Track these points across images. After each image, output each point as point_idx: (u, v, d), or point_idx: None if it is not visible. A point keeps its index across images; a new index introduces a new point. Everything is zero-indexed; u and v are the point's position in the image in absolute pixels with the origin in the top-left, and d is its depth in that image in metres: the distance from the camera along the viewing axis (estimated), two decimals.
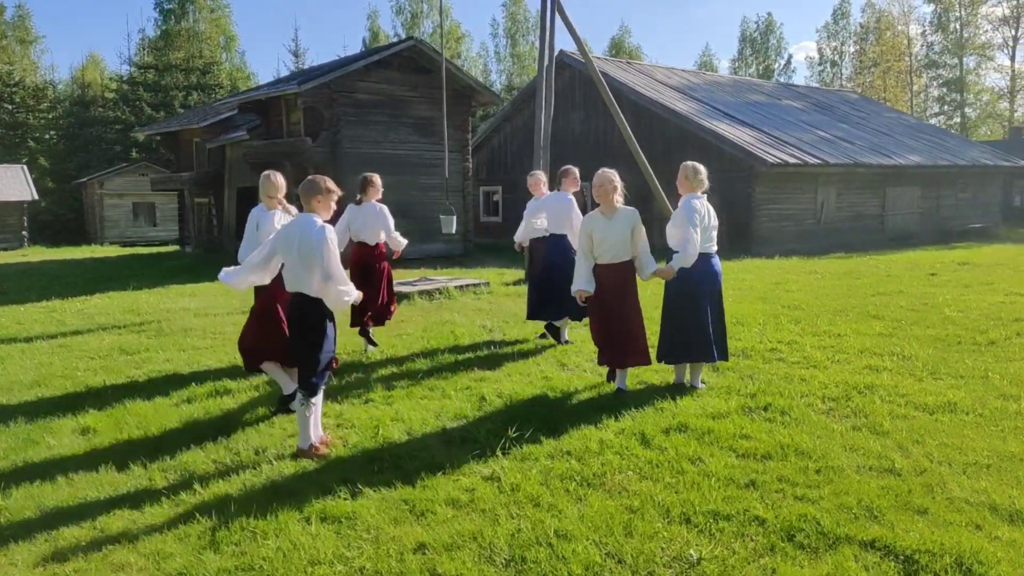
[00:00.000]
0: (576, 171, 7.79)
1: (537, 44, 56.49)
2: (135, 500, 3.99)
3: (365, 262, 7.43)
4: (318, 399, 4.67)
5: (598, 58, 24.27)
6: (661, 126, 21.05)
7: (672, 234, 5.61)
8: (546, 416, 5.14)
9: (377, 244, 7.48)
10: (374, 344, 7.55)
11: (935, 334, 7.69)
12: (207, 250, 22.84)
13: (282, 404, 5.44)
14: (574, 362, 6.82)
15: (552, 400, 5.57)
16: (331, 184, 4.61)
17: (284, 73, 44.27)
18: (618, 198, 5.61)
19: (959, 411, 5.00)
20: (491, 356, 7.12)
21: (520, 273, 13.77)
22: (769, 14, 76.57)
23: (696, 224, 5.48)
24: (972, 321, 8.35)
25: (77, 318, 10.09)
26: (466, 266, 16.65)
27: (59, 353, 7.81)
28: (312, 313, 4.60)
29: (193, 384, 6.37)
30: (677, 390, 5.68)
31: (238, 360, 7.15)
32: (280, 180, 6.61)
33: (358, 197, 7.43)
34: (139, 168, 33.53)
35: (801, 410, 5.06)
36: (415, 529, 3.50)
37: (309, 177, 4.68)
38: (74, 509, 3.91)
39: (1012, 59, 51.63)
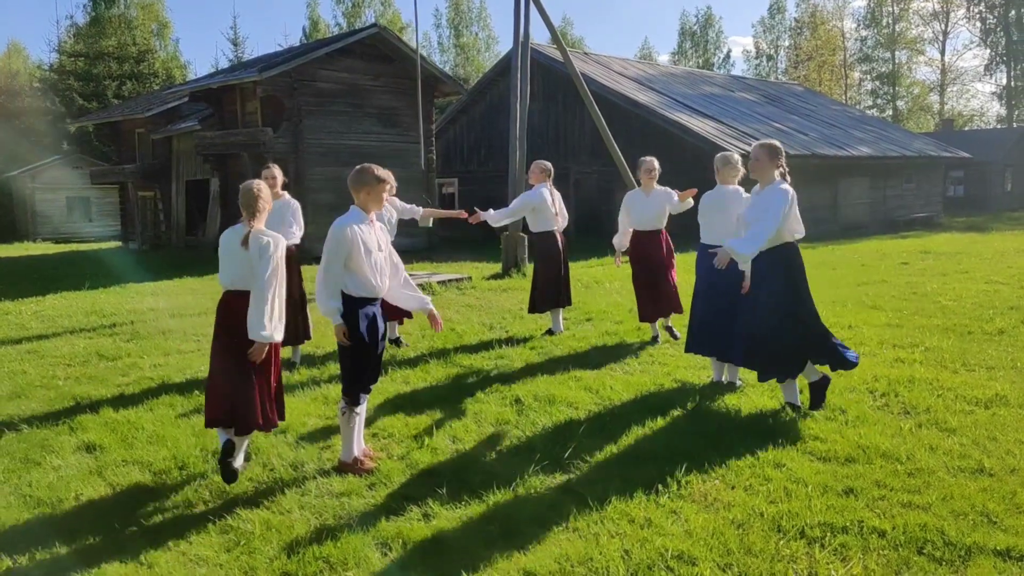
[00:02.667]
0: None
1: (478, 33, 55.43)
2: (178, 529, 3.55)
3: None
4: (361, 408, 4.29)
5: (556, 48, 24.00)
6: (622, 117, 20.96)
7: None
8: (593, 418, 4.88)
9: None
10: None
11: (942, 324, 7.74)
12: (154, 246, 21.73)
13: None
14: (595, 360, 6.57)
15: (592, 400, 5.31)
16: (381, 172, 4.21)
17: (223, 62, 42.65)
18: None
19: (1012, 404, 4.95)
20: (505, 355, 6.82)
21: (497, 267, 13.49)
22: (708, 8, 78.14)
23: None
24: (970, 310, 8.45)
25: (37, 321, 9.31)
26: (435, 260, 16.22)
27: (30, 360, 7.13)
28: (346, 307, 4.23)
29: (193, 392, 5.86)
30: (717, 388, 5.50)
31: None
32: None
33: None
34: (73, 160, 31.68)
35: (858, 408, 4.92)
36: (513, 554, 3.19)
37: (358, 166, 4.29)
38: (110, 542, 3.45)
39: (942, 53, 53.78)
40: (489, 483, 3.90)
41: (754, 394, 5.32)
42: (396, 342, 7.32)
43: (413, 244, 18.20)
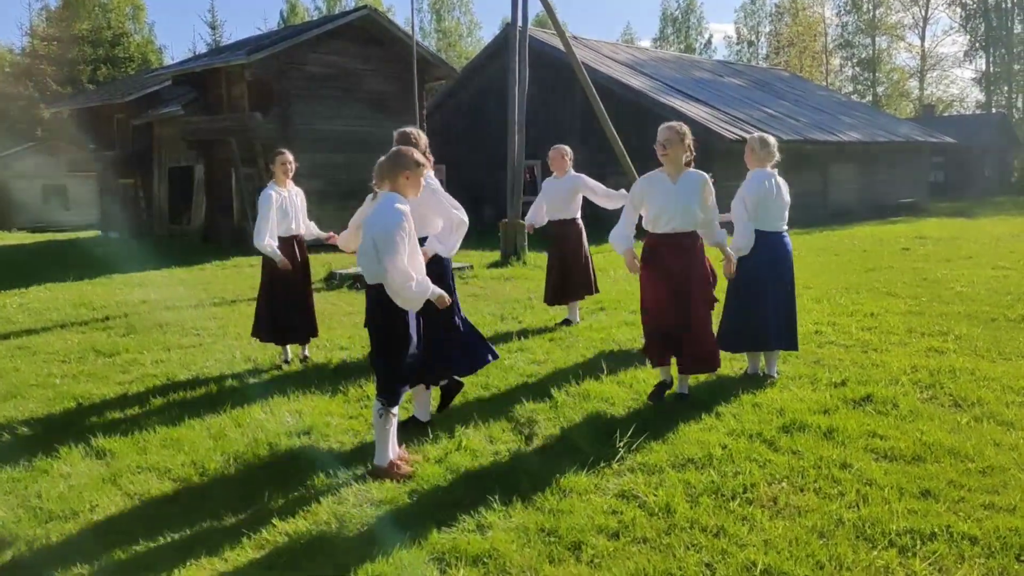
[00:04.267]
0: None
1: (460, 18, 54.68)
2: (209, 543, 3.26)
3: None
4: (396, 409, 4.01)
5: (551, 33, 23.63)
6: (615, 101, 20.67)
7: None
8: (632, 415, 4.64)
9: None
10: None
11: (964, 311, 7.61)
12: (134, 235, 21.12)
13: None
14: (619, 352, 6.34)
15: (627, 395, 5.07)
16: (419, 156, 3.92)
17: (200, 46, 41.65)
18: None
19: None
20: (526, 347, 6.57)
21: (494, 255, 13.21)
22: None
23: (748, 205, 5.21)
24: (987, 296, 8.34)
25: (24, 314, 8.89)
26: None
27: (22, 357, 6.75)
28: (380, 309, 3.94)
29: (202, 389, 5.55)
30: (753, 381, 5.29)
31: (238, 359, 6.40)
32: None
33: None
34: (48, 148, 30.77)
35: (908, 401, 4.74)
36: (582, 569, 2.94)
37: (395, 148, 3.98)
38: (136, 559, 3.15)
39: (922, 39, 53.97)
40: (539, 487, 3.66)
41: (796, 387, 5.12)
42: None
43: None
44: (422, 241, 4.25)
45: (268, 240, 5.97)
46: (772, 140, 5.52)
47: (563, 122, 21.61)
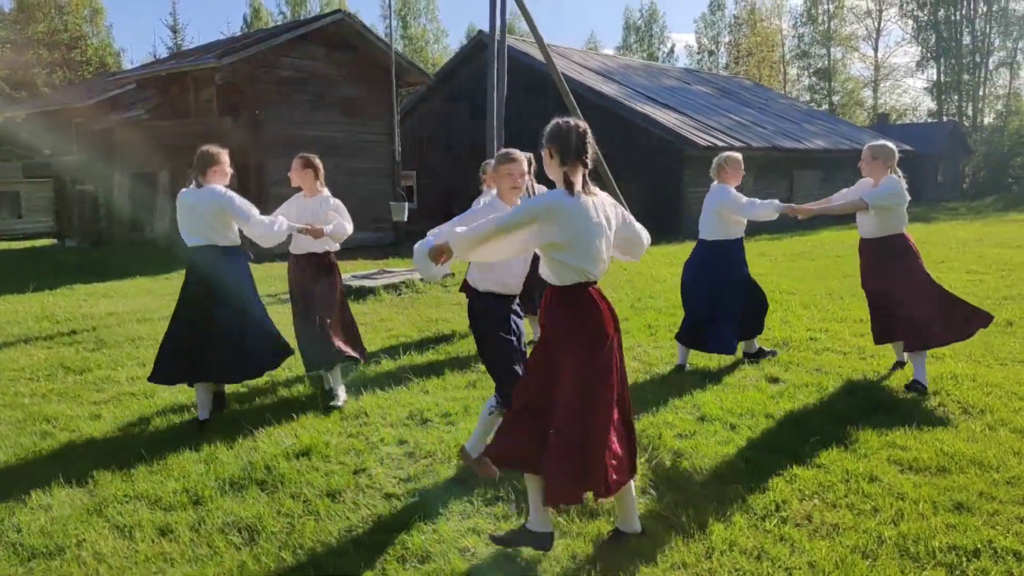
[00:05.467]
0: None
1: (427, 25, 54.39)
2: None
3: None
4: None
5: (522, 39, 23.62)
6: (586, 108, 20.68)
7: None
8: (641, 428, 4.50)
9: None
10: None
11: None
12: (93, 244, 20.41)
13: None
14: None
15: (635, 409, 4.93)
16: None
17: (161, 50, 40.72)
18: None
19: None
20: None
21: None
22: (652, 3, 78.84)
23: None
24: (971, 301, 8.38)
25: None
26: (403, 256, 15.64)
27: None
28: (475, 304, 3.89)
29: (186, 411, 5.25)
30: (760, 390, 5.20)
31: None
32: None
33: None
34: (3, 153, 29.61)
35: (920, 410, 4.69)
36: None
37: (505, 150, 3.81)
38: None
39: (875, 50, 55.58)
40: (563, 508, 3.48)
41: (804, 396, 5.04)
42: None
43: (378, 239, 17.57)
44: None
45: (279, 219, 5.04)
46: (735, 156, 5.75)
47: (536, 129, 21.53)
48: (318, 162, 5.41)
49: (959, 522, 3.24)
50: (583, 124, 2.98)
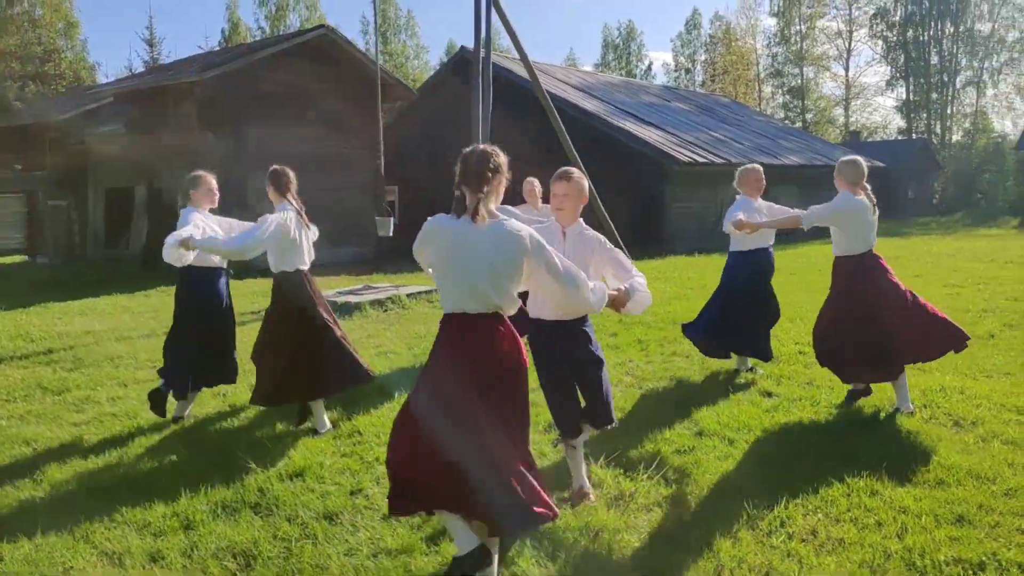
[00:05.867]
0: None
1: (407, 42, 54.34)
2: None
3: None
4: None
5: (504, 55, 23.74)
6: (569, 124, 20.78)
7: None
8: (645, 444, 4.48)
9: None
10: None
11: None
12: (67, 260, 20.03)
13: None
14: (616, 376, 6.18)
15: (633, 425, 4.90)
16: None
17: (137, 64, 40.35)
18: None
19: None
20: None
21: None
22: (630, 21, 79.82)
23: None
24: (949, 314, 8.29)
25: None
26: (385, 271, 15.51)
27: None
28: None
29: (169, 429, 5.13)
30: (756, 405, 5.20)
31: (207, 394, 5.94)
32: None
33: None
34: None
35: (911, 421, 4.72)
36: None
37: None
38: None
39: (846, 69, 56.57)
40: (565, 528, 3.43)
41: (798, 410, 5.05)
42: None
43: (360, 254, 17.45)
44: None
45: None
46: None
47: (518, 145, 21.59)
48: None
49: (962, 535, 3.24)
50: (491, 151, 2.89)
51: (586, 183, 3.65)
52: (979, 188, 39.66)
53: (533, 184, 7.26)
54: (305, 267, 5.04)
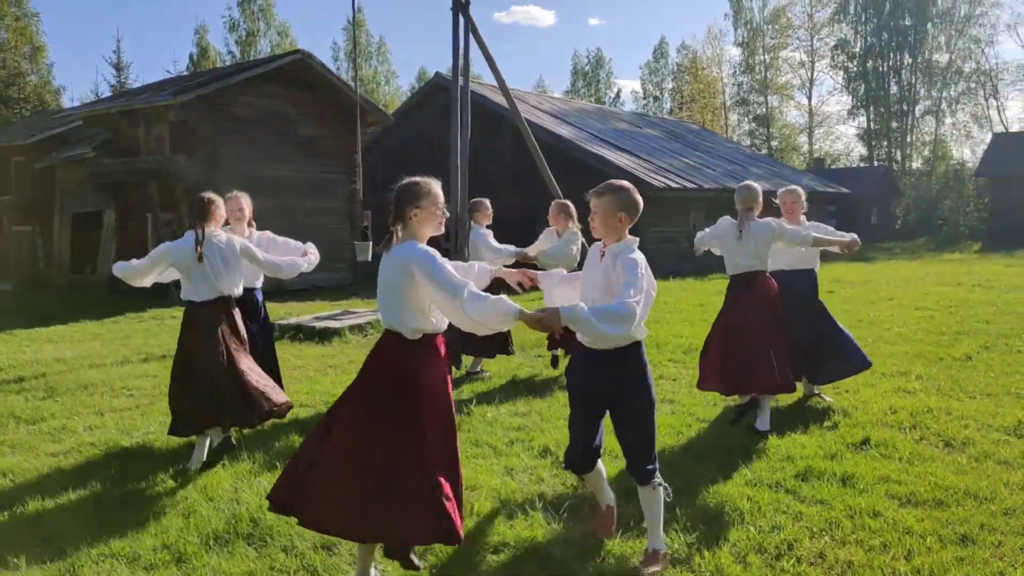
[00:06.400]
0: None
1: (378, 68, 54.42)
2: None
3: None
4: None
5: (476, 81, 23.89)
6: (543, 150, 20.95)
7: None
8: None
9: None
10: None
11: (911, 351, 7.88)
12: (31, 287, 19.52)
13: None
14: None
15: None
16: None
17: (104, 88, 39.83)
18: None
19: None
20: (502, 397, 6.29)
21: None
22: (599, 49, 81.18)
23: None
24: (925, 337, 8.69)
25: None
26: (362, 296, 15.38)
27: None
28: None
29: (151, 458, 4.97)
30: (748, 427, 5.21)
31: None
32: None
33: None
34: None
35: (905, 443, 4.76)
36: None
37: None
38: None
39: (809, 99, 58.12)
40: (576, 555, 3.38)
41: (792, 432, 5.06)
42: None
43: (336, 280, 17.27)
44: None
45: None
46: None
47: (491, 172, 21.70)
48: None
49: (968, 555, 3.26)
50: (410, 184, 3.16)
51: (628, 198, 3.25)
52: (940, 214, 40.75)
53: (551, 207, 7.21)
54: (197, 299, 4.83)
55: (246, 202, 5.79)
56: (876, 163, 50.17)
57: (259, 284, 5.86)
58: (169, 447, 5.23)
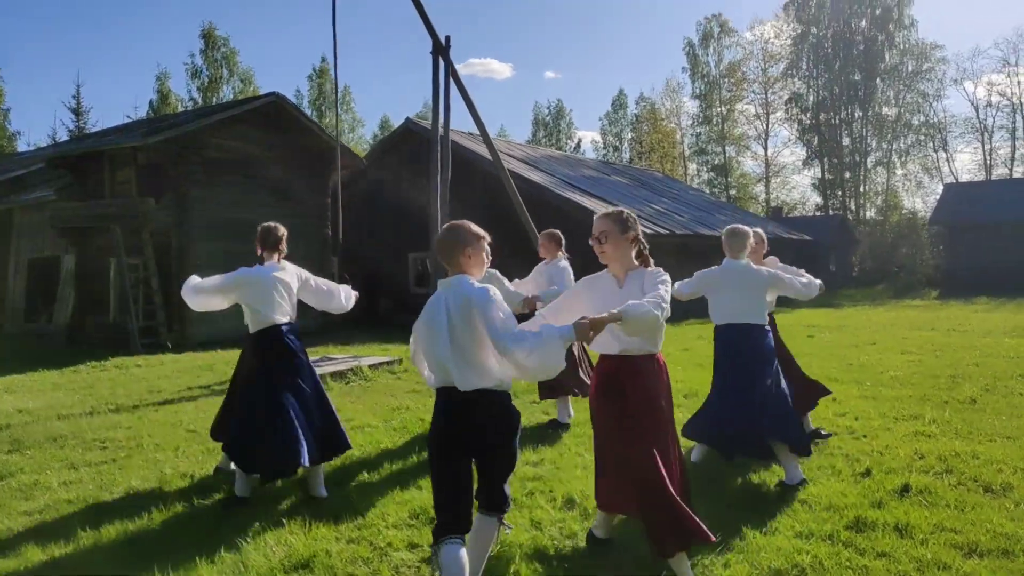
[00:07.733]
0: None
1: (342, 116, 54.45)
2: None
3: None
4: None
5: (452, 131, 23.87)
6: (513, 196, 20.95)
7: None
8: None
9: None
10: None
11: (913, 394, 7.80)
12: None
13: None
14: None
15: None
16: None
17: (62, 133, 38.92)
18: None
19: None
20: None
21: (400, 348, 12.52)
22: (559, 100, 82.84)
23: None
24: (923, 381, 8.63)
25: None
26: (336, 342, 14.91)
27: None
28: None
29: (137, 515, 4.51)
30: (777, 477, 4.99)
31: (171, 476, 5.34)
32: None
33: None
34: None
35: (944, 489, 4.58)
36: None
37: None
38: None
39: (765, 149, 59.87)
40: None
41: (825, 479, 4.85)
42: None
43: (306, 325, 16.73)
44: None
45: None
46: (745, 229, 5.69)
47: (461, 215, 21.56)
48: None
49: None
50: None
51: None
52: (896, 261, 41.89)
53: (540, 236, 7.02)
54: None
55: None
56: (832, 212, 51.67)
57: None
58: (153, 499, 4.76)
